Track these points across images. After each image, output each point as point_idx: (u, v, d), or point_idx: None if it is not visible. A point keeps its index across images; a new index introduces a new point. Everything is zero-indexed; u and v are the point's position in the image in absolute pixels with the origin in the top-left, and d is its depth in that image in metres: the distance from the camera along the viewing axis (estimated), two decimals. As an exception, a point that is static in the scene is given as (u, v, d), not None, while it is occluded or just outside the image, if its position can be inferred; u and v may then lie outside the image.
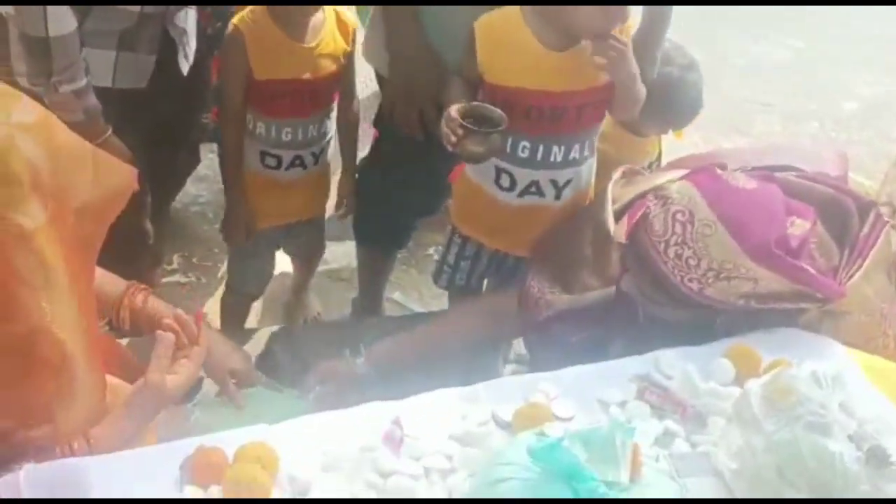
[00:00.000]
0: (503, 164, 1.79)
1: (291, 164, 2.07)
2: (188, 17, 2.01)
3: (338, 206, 2.29)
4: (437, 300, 2.63)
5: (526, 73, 1.69)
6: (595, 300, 1.64)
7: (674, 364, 1.37)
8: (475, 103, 1.68)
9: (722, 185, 1.48)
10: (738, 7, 4.88)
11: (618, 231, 1.53)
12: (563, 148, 1.75)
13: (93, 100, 1.78)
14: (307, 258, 2.54)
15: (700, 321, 1.48)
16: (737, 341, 1.43)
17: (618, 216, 1.61)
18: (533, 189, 1.81)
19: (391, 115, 1.98)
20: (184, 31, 2.00)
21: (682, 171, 1.61)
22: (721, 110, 4.01)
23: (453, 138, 1.63)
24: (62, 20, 1.71)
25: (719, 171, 1.52)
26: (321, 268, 2.83)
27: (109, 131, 1.84)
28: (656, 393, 1.31)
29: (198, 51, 2.06)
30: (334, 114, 2.11)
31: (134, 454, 1.14)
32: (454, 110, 1.64)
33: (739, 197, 1.47)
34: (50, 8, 1.68)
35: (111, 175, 1.08)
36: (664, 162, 2.37)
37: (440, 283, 2.11)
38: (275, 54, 1.91)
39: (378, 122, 2.12)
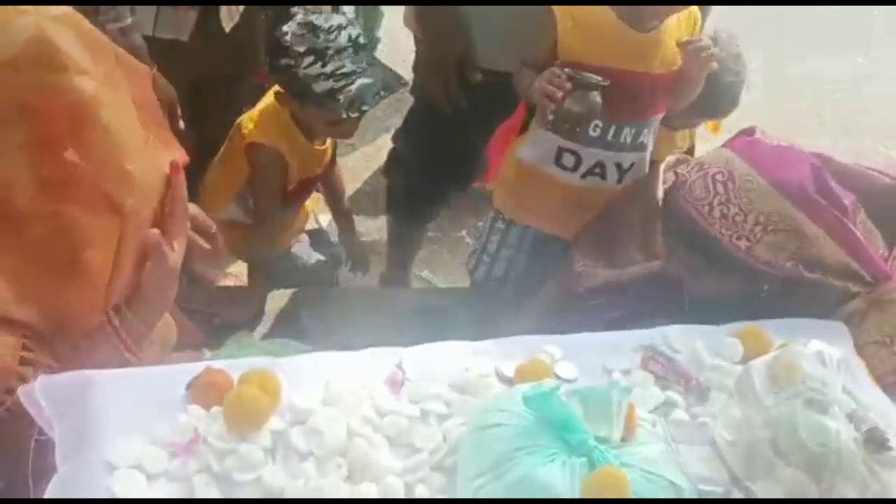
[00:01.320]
0: (568, 144, 1.78)
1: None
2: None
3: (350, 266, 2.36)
4: (465, 282, 2.65)
5: (607, 52, 1.69)
6: (637, 274, 1.64)
7: (682, 339, 1.37)
8: (571, 68, 1.66)
9: (755, 144, 1.49)
10: (796, 19, 4.82)
11: None
12: (633, 130, 1.76)
13: (138, 39, 1.83)
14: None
15: (745, 294, 1.47)
16: (750, 324, 1.42)
17: None
18: (597, 170, 1.80)
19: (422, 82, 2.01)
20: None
21: None
22: (772, 121, 3.96)
23: (559, 94, 1.61)
24: None
25: (751, 137, 1.53)
26: (356, 240, 2.88)
27: (154, 69, 1.89)
28: (661, 363, 1.32)
29: (247, 10, 2.11)
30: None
31: (144, 371, 1.18)
32: (557, 68, 1.64)
33: (774, 150, 1.48)
34: None
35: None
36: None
37: (477, 274, 2.08)
38: (305, 160, 1.98)
39: (413, 90, 2.15)
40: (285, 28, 1.74)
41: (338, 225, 2.30)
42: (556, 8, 1.70)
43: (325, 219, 2.58)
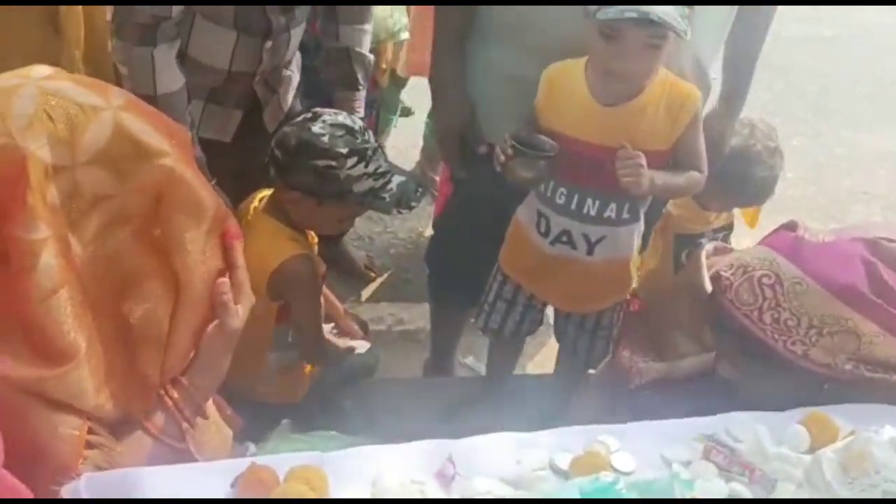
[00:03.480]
0: (543, 208, 1.82)
1: None
2: (284, 76, 2.10)
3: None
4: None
5: (570, 121, 1.71)
6: (692, 368, 1.60)
7: (744, 427, 1.31)
8: (527, 132, 1.71)
9: (798, 243, 1.44)
10: (844, 97, 4.82)
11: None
12: (597, 202, 1.75)
13: (197, 152, 1.86)
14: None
15: (803, 395, 1.42)
16: (815, 410, 1.36)
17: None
18: (565, 238, 1.82)
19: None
20: (272, 93, 2.08)
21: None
22: (818, 199, 3.93)
23: (502, 158, 1.67)
24: (170, 79, 1.82)
25: (792, 232, 1.49)
26: (397, 328, 2.86)
27: (213, 182, 1.92)
28: (723, 454, 1.25)
29: (291, 112, 2.14)
30: None
31: (189, 468, 1.15)
32: (507, 134, 1.68)
33: (821, 250, 1.43)
34: (158, 67, 1.79)
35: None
36: (735, 235, 2.33)
37: (478, 322, 2.13)
38: (317, 260, 1.92)
39: (452, 178, 2.16)
40: (317, 129, 1.71)
41: (332, 312, 2.22)
42: (544, 76, 1.74)
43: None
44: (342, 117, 1.76)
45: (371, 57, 2.21)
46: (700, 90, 1.91)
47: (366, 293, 3.00)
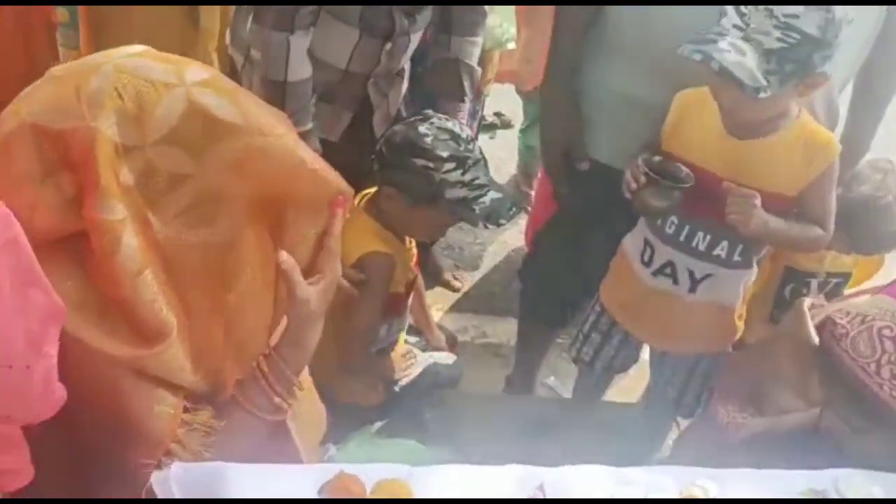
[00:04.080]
0: (650, 236, 1.75)
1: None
2: (396, 81, 2.09)
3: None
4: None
5: (698, 149, 1.65)
6: (795, 424, 1.52)
7: (856, 485, 1.22)
8: (661, 158, 1.65)
9: None
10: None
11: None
12: (709, 237, 1.68)
13: (315, 144, 1.88)
14: None
15: None
16: (934, 475, 1.26)
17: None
18: (668, 271, 1.75)
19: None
20: (383, 97, 2.08)
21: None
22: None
23: (633, 185, 1.60)
24: (301, 67, 1.84)
25: None
26: (480, 340, 2.83)
27: None
28: (832, 512, 1.17)
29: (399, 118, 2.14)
30: None
31: (277, 469, 1.14)
32: (641, 159, 1.62)
33: None
34: (293, 54, 1.82)
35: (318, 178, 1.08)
36: (854, 283, 2.21)
37: (571, 352, 2.09)
38: (404, 262, 1.88)
39: (556, 196, 2.12)
40: (423, 130, 1.71)
41: (421, 323, 2.19)
42: (675, 100, 1.67)
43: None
44: (451, 123, 1.74)
45: (479, 70, 2.19)
46: (828, 122, 1.82)
47: (449, 302, 2.97)
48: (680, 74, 1.65)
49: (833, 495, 1.21)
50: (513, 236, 3.26)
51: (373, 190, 1.84)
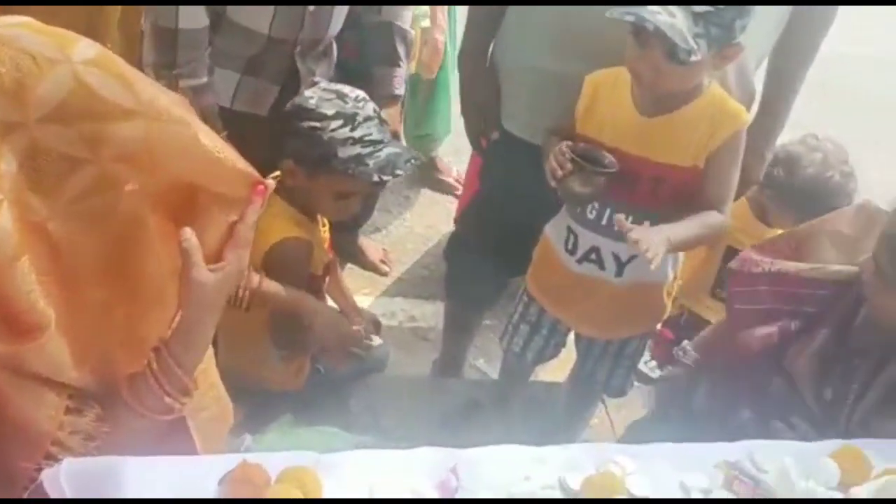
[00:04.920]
0: (572, 224, 1.73)
1: None
2: (324, 53, 2.02)
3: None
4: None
5: (610, 130, 1.63)
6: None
7: (770, 456, 1.22)
8: (586, 145, 1.62)
9: None
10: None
11: None
12: (630, 218, 1.65)
13: (210, 99, 1.80)
14: None
15: None
16: (847, 443, 1.27)
17: None
18: (593, 256, 1.74)
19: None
20: (311, 72, 2.02)
21: None
22: None
23: (560, 172, 1.57)
24: (193, 15, 1.76)
25: None
26: (408, 324, 2.80)
27: (223, 135, 1.86)
28: (747, 484, 1.17)
29: None
30: None
31: (175, 461, 1.09)
32: (565, 145, 1.59)
33: None
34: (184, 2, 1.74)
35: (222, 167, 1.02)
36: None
37: (503, 343, 2.06)
38: (319, 246, 1.85)
39: (481, 175, 2.10)
40: (308, 93, 1.66)
41: (342, 305, 2.13)
42: (586, 82, 1.66)
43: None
44: (340, 86, 1.69)
45: (413, 33, 2.14)
46: (743, 98, 1.82)
47: (378, 287, 2.92)
48: (593, 47, 1.63)
49: (748, 466, 1.21)
50: (441, 220, 3.23)
51: (277, 174, 1.77)
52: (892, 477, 1.07)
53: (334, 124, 1.63)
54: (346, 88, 1.69)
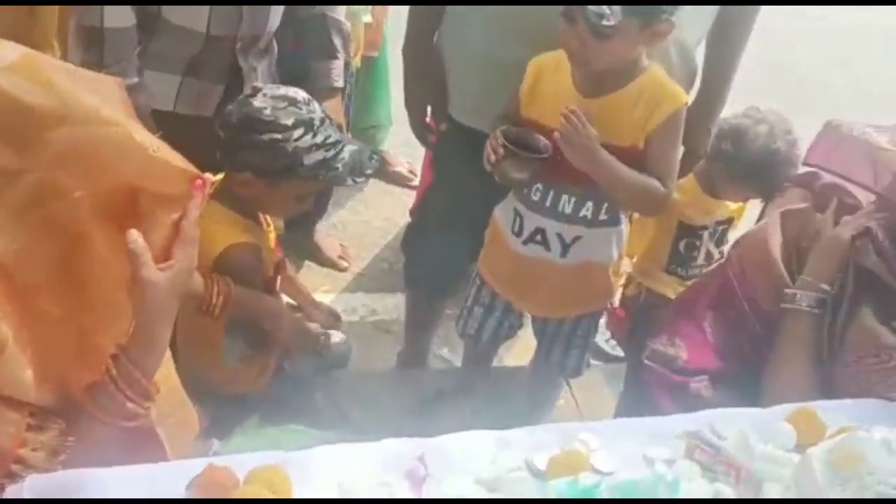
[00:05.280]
0: (518, 206, 1.75)
1: None
2: (265, 50, 2.01)
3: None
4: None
5: (552, 112, 1.64)
6: None
7: (729, 423, 1.26)
8: (520, 129, 1.64)
9: None
10: (829, 93, 4.78)
11: None
12: (573, 199, 1.69)
13: (142, 99, 1.76)
14: None
15: None
16: (802, 406, 1.31)
17: None
18: (538, 238, 1.76)
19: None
20: (253, 69, 2.00)
21: None
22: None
23: (493, 158, 1.60)
24: (119, 14, 1.72)
25: None
26: (370, 318, 2.80)
27: (157, 136, 1.83)
28: (708, 452, 1.20)
29: None
30: None
31: (142, 469, 1.08)
32: (499, 131, 1.61)
33: None
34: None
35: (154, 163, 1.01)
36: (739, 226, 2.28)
37: (457, 327, 2.08)
38: (267, 247, 1.84)
39: (433, 164, 2.10)
40: (259, 103, 1.62)
41: (299, 300, 2.13)
42: (529, 67, 1.67)
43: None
44: (283, 90, 1.67)
45: (348, 24, 2.13)
46: (685, 76, 1.85)
47: (339, 283, 2.92)
48: (537, 34, 1.64)
49: (708, 435, 1.23)
50: (398, 212, 3.24)
51: (219, 177, 1.75)
52: (845, 435, 1.11)
53: (296, 133, 1.62)
54: (290, 92, 1.67)
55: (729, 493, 1.16)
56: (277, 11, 1.94)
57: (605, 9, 1.44)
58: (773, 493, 1.15)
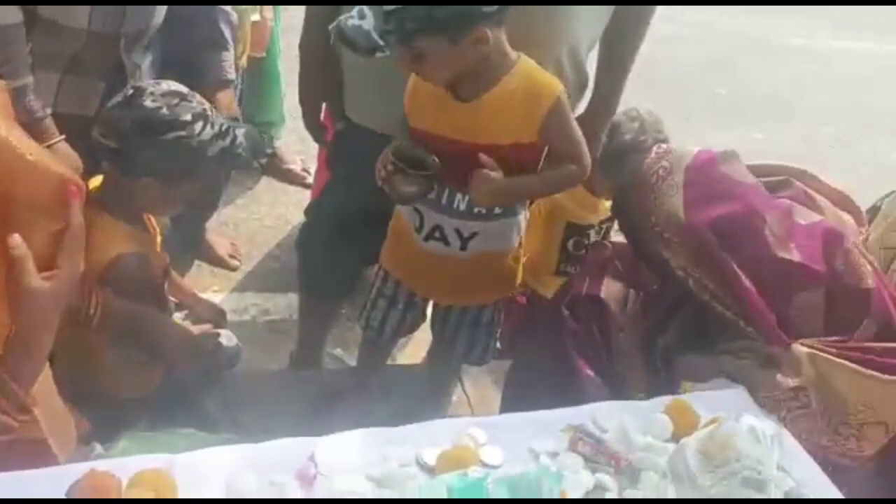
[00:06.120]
0: (418, 204, 1.78)
1: None
2: (148, 46, 1.96)
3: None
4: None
5: (432, 118, 1.67)
6: None
7: (610, 417, 1.31)
8: (410, 144, 1.67)
9: None
10: (691, 96, 5.00)
11: None
12: (466, 197, 1.72)
13: (35, 103, 1.70)
14: None
15: None
16: (677, 398, 1.38)
17: None
18: (437, 234, 1.78)
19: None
20: (137, 67, 1.94)
21: None
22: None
23: (383, 173, 1.63)
24: (4, 12, 1.65)
25: None
26: (262, 318, 2.76)
27: (58, 138, 1.75)
28: (590, 444, 1.25)
29: None
30: None
31: (21, 476, 1.05)
32: (390, 148, 1.64)
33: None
34: None
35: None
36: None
37: (360, 321, 2.07)
38: (154, 253, 1.79)
39: (329, 163, 2.09)
40: (150, 103, 1.56)
41: (183, 298, 2.10)
42: (412, 75, 1.69)
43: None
44: (165, 85, 1.62)
45: (235, 15, 2.09)
46: (577, 83, 1.91)
47: (229, 282, 2.87)
48: None
49: (591, 427, 1.29)
50: (291, 211, 3.21)
51: (97, 182, 1.68)
52: (715, 425, 1.18)
53: (197, 127, 1.58)
54: (174, 86, 1.62)
55: (610, 483, 1.21)
56: (162, 6, 1.90)
57: (379, 41, 1.47)
58: (650, 481, 1.21)
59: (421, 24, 1.47)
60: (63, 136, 1.77)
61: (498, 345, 2.14)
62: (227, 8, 2.03)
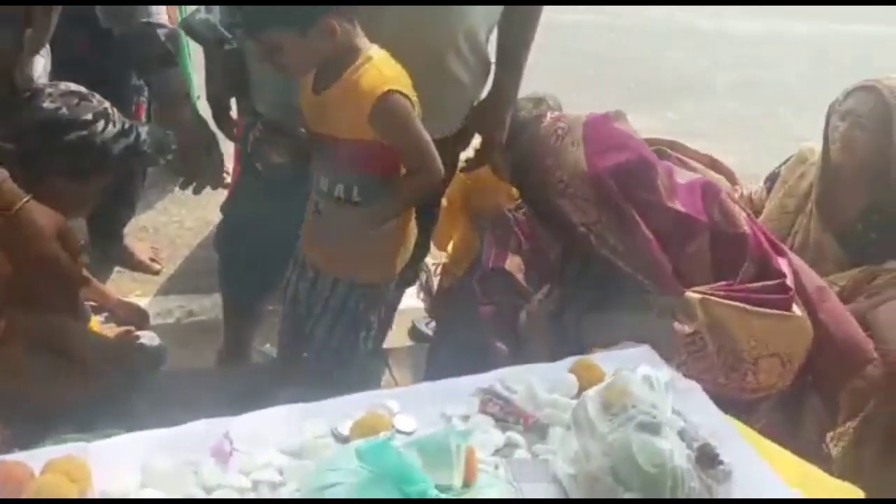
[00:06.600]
0: (314, 194, 1.83)
1: None
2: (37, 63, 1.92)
3: None
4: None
5: (304, 110, 1.73)
6: None
7: (519, 378, 1.37)
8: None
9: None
10: (609, 82, 5.12)
11: None
12: (327, 181, 1.75)
13: None
14: None
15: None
16: (582, 357, 1.45)
17: None
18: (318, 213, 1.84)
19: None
20: (29, 78, 1.91)
21: None
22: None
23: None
24: None
25: None
26: (187, 320, 2.75)
27: None
28: (499, 404, 1.30)
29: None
30: None
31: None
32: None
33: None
34: None
35: None
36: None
37: (285, 296, 2.07)
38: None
39: (240, 159, 2.10)
40: (49, 105, 1.57)
41: (101, 300, 2.09)
42: None
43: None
44: (63, 85, 1.62)
45: (177, 28, 2.08)
46: (478, 67, 1.95)
47: (152, 287, 2.85)
48: None
49: (500, 389, 1.34)
50: (210, 211, 3.18)
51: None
52: (610, 379, 1.24)
53: (99, 126, 1.58)
54: (72, 86, 1.62)
55: (519, 440, 1.27)
56: (56, 13, 1.87)
57: (227, 34, 1.52)
58: (556, 435, 1.27)
59: (265, 15, 1.50)
60: None
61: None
62: (166, 21, 2.00)
